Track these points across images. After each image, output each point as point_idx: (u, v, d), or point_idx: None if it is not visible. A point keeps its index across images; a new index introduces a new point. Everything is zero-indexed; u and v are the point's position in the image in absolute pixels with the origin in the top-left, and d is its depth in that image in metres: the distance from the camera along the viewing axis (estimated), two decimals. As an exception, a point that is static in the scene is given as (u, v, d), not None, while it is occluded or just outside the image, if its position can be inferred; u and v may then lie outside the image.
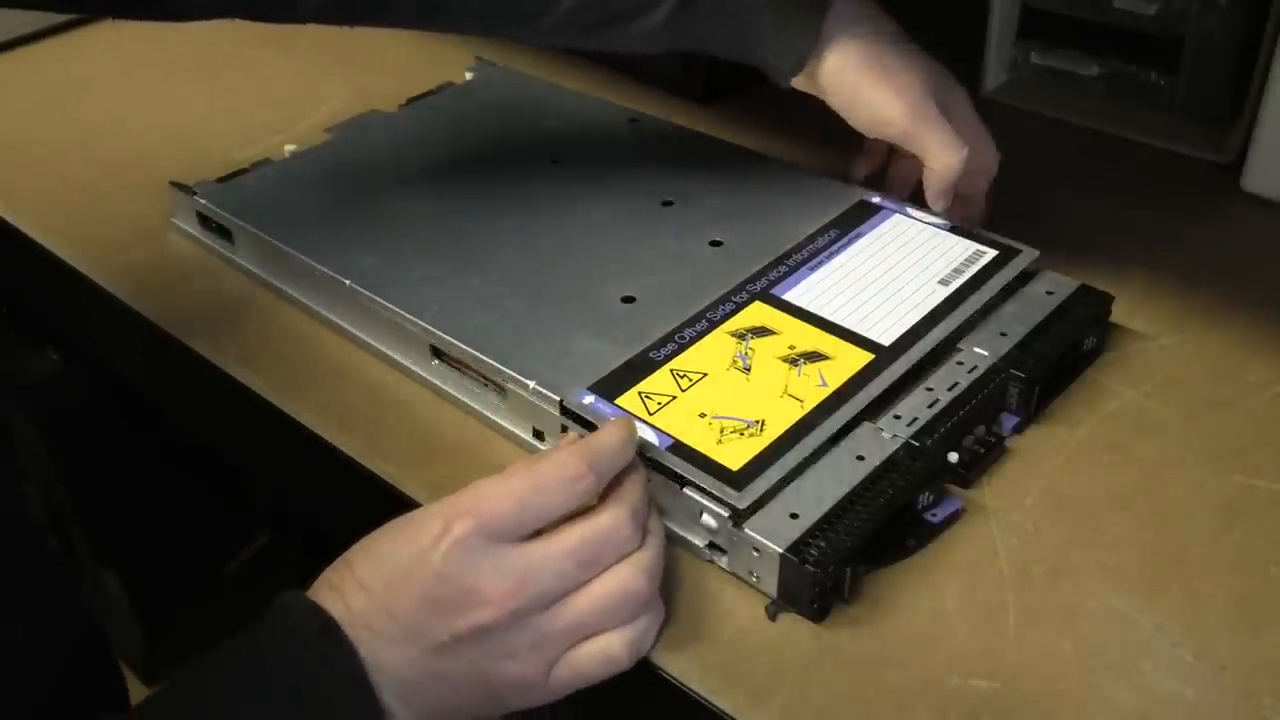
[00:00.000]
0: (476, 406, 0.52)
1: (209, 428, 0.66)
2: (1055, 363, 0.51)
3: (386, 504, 0.49)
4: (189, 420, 0.68)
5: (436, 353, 0.52)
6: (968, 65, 0.76)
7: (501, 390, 0.50)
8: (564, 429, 0.48)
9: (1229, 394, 0.52)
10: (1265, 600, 0.43)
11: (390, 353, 0.55)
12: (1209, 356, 0.54)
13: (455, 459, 0.50)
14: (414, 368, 0.54)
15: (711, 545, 0.45)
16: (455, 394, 0.52)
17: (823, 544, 0.42)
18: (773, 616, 0.43)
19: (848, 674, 0.41)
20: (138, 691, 1.08)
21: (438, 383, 0.53)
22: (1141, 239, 0.62)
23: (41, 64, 0.84)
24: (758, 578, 0.43)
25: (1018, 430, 0.50)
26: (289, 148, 0.65)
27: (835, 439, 0.46)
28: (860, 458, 0.45)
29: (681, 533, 0.45)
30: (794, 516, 0.43)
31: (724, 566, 0.44)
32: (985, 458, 0.48)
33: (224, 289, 0.60)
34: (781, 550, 0.41)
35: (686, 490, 0.45)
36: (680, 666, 0.41)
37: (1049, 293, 0.54)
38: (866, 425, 0.47)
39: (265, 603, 0.40)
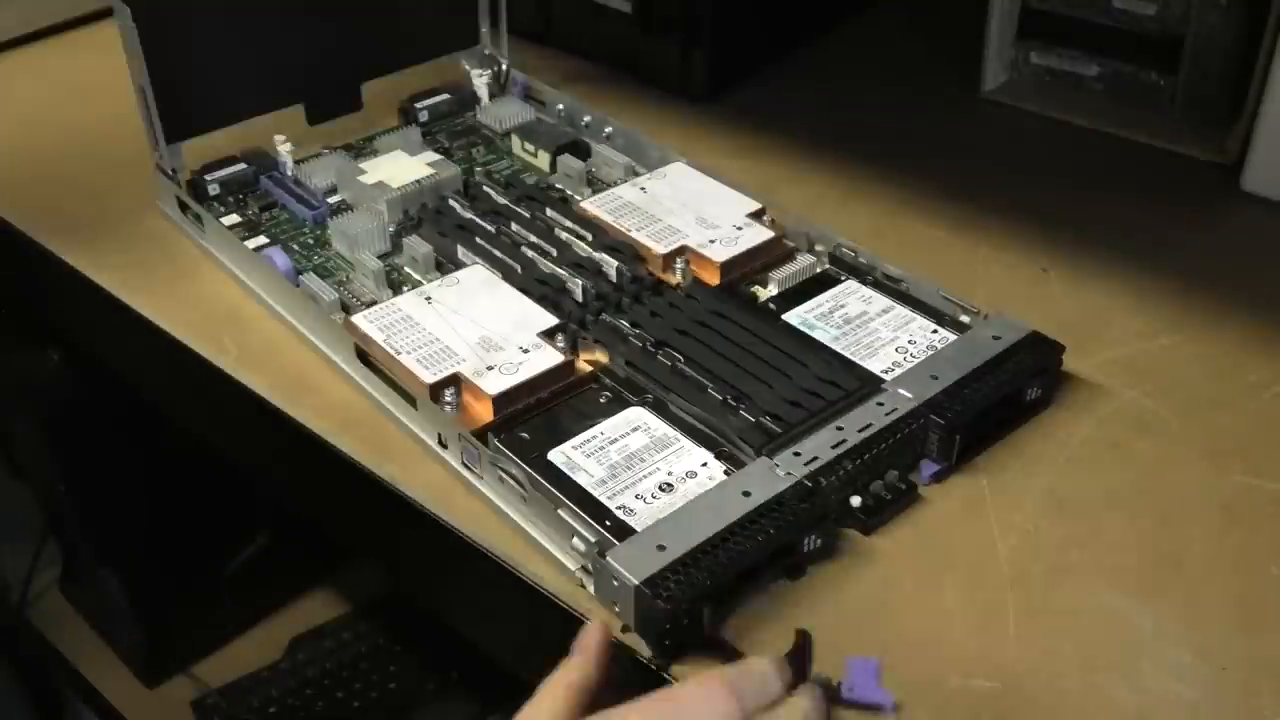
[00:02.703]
0: (394, 411, 0.52)
1: (209, 427, 0.66)
2: (984, 412, 0.48)
3: (387, 504, 0.49)
4: (189, 420, 0.68)
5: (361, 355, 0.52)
6: (968, 65, 0.76)
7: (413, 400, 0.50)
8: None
9: (1229, 394, 0.52)
10: (1265, 600, 0.43)
11: (325, 348, 0.55)
12: (1208, 356, 0.54)
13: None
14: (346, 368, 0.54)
15: (583, 569, 0.44)
16: (377, 397, 0.52)
17: (681, 579, 0.40)
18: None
19: (848, 674, 0.41)
20: (138, 692, 1.08)
21: (364, 385, 0.53)
22: (1141, 239, 0.62)
23: (41, 64, 0.84)
24: (619, 608, 0.42)
25: (937, 479, 0.48)
26: (279, 138, 0.65)
27: (729, 471, 0.46)
28: (746, 493, 0.43)
29: (556, 553, 0.45)
30: (660, 548, 0.41)
31: (591, 592, 0.43)
32: (893, 505, 0.46)
33: (225, 289, 0.60)
34: (636, 583, 0.40)
35: (561, 512, 0.44)
36: (680, 668, 0.41)
37: (995, 337, 0.50)
38: (763, 460, 0.46)
39: (265, 603, 0.39)
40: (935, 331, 0.53)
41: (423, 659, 1.04)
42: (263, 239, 0.61)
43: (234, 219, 0.62)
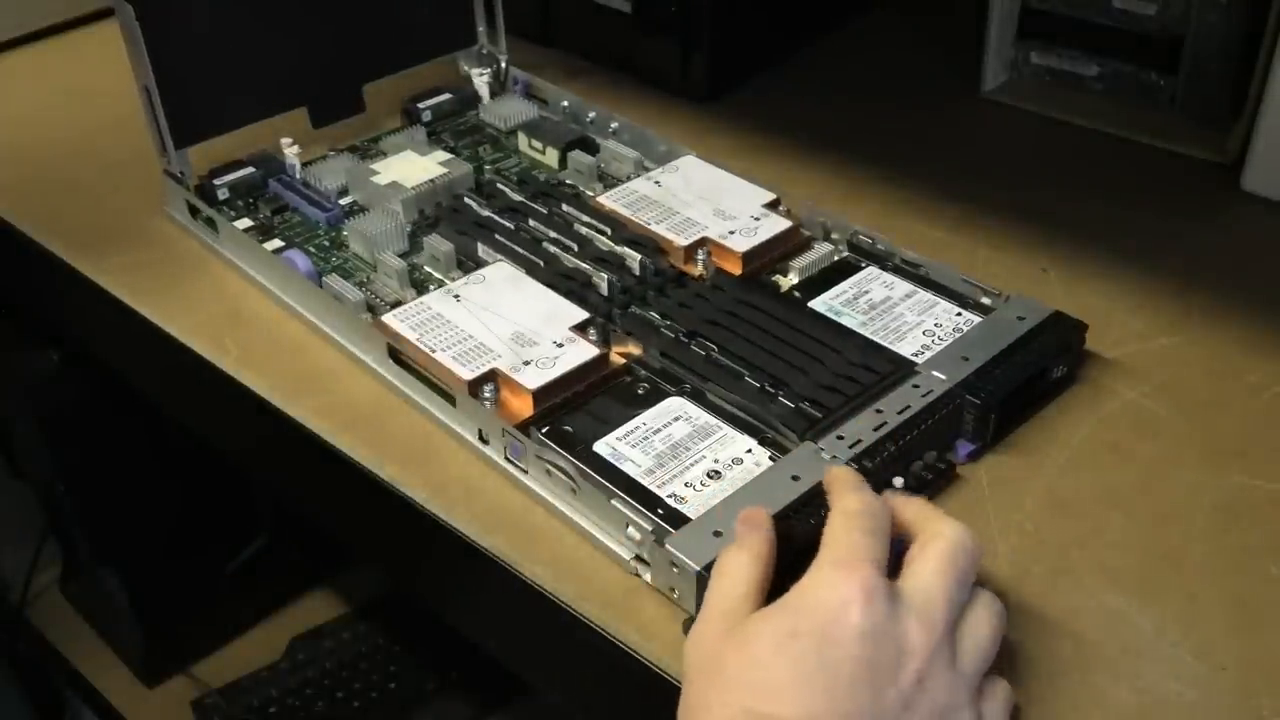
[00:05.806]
0: (430, 408, 0.52)
1: (209, 427, 0.66)
2: (1016, 391, 0.49)
3: (387, 504, 0.50)
4: (189, 420, 0.68)
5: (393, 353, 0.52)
6: (968, 65, 0.76)
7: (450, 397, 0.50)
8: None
9: (1228, 394, 0.52)
10: (1265, 600, 0.43)
11: (351, 348, 0.55)
12: (1208, 356, 0.54)
13: (457, 459, 0.50)
14: (375, 366, 0.54)
15: (638, 558, 0.44)
16: (411, 394, 0.52)
17: None
18: (688, 633, 0.42)
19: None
20: (138, 692, 1.08)
21: (396, 383, 0.53)
22: (1141, 239, 0.62)
23: (41, 64, 0.84)
24: (677, 595, 0.42)
25: (973, 458, 0.49)
26: (285, 140, 0.65)
27: (774, 457, 0.46)
28: (795, 478, 0.44)
29: (609, 544, 0.45)
30: (717, 535, 0.42)
31: (648, 580, 0.44)
32: (933, 484, 0.46)
33: (225, 289, 0.60)
34: (699, 569, 0.41)
35: (614, 502, 0.44)
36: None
37: (1020, 318, 0.52)
38: (807, 445, 0.46)
39: (265, 603, 0.39)
40: (959, 314, 0.54)
41: (423, 659, 1.04)
42: (278, 242, 0.61)
43: (246, 223, 0.62)
